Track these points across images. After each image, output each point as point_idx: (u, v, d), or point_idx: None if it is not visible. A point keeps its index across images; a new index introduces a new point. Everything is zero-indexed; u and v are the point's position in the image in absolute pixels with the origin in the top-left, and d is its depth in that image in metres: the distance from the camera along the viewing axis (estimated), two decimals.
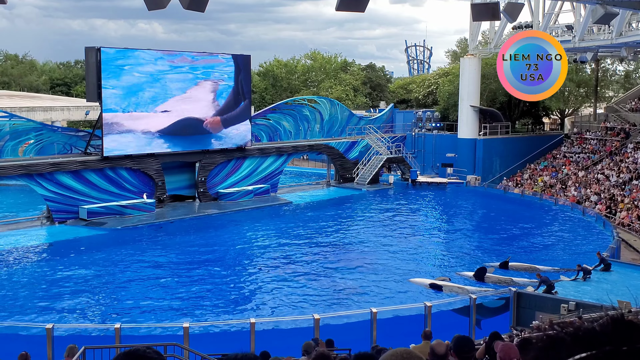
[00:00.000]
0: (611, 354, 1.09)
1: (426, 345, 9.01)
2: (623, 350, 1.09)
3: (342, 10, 13.01)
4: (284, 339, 16.63)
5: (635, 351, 1.08)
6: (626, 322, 1.13)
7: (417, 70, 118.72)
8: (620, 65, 66.55)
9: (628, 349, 1.08)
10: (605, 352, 1.09)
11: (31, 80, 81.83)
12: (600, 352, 1.10)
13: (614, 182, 43.18)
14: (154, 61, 37.29)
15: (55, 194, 34.46)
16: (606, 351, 1.09)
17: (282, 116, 46.70)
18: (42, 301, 22.99)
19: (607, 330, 1.12)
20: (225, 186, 41.86)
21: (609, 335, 1.11)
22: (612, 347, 1.10)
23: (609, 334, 1.12)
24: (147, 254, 30.18)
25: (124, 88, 35.91)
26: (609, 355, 1.09)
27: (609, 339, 1.11)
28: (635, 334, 1.10)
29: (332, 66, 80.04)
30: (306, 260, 29.17)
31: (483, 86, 54.71)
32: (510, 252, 29.89)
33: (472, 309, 19.29)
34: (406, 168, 50.55)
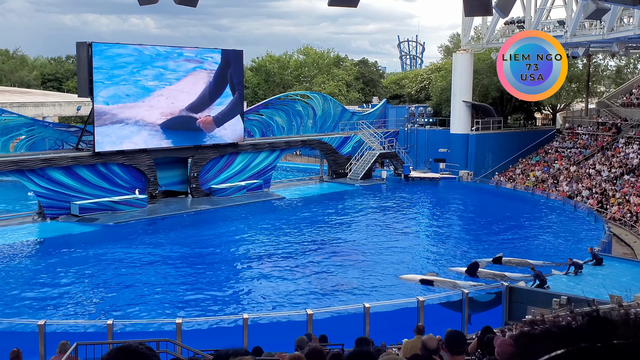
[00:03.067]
0: (586, 350, 1.11)
1: (418, 340, 9.03)
2: (598, 346, 1.10)
3: (335, 6, 12.98)
4: (277, 334, 16.63)
5: (609, 347, 1.10)
6: (602, 318, 1.15)
7: (410, 65, 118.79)
8: (611, 60, 66.78)
9: (602, 346, 1.10)
10: (580, 348, 1.11)
11: (22, 76, 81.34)
12: (575, 349, 1.11)
13: (605, 177, 43.33)
14: (144, 56, 37.14)
15: (47, 190, 34.34)
16: (581, 348, 1.11)
17: (274, 111, 46.65)
18: (34, 298, 22.92)
19: (582, 327, 1.14)
20: (218, 182, 41.80)
21: (584, 332, 1.13)
22: (587, 344, 1.11)
23: (585, 330, 1.14)
24: (139, 250, 30.12)
25: (114, 82, 35.78)
26: (583, 352, 1.11)
27: (584, 335, 1.13)
28: (610, 331, 1.12)
29: (324, 61, 79.92)
30: (299, 255, 29.18)
31: (475, 81, 54.76)
32: (502, 247, 29.98)
33: (465, 303, 19.34)
34: (399, 163, 50.60)
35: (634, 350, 1.09)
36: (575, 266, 23.62)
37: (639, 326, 1.13)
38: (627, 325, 1.13)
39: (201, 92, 39.74)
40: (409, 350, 9.46)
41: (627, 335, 1.11)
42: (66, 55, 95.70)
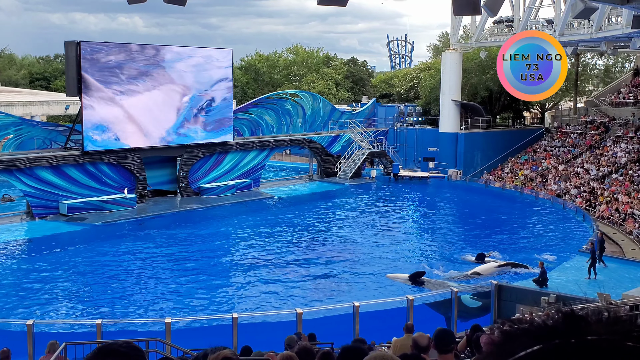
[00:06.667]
0: (560, 346, 1.14)
1: (408, 339, 9.06)
2: (572, 342, 1.14)
3: (324, 4, 13.00)
4: (267, 334, 16.63)
5: (583, 344, 1.13)
6: (576, 316, 1.18)
7: (399, 64, 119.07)
8: (600, 59, 67.09)
9: (576, 342, 1.13)
10: (555, 344, 1.14)
11: (10, 75, 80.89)
12: (550, 345, 1.15)
13: (593, 176, 43.54)
14: (132, 54, 37.02)
15: (35, 190, 34.18)
16: (556, 344, 1.14)
17: (264, 110, 46.60)
18: (22, 297, 22.82)
19: (557, 324, 1.18)
20: (207, 181, 41.73)
21: (559, 329, 1.17)
22: (561, 340, 1.15)
23: (560, 327, 1.17)
24: (128, 250, 30.03)
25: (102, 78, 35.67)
26: (558, 348, 1.14)
27: (559, 332, 1.16)
28: (584, 328, 1.16)
29: (314, 60, 79.94)
30: (288, 254, 29.18)
31: (464, 80, 54.88)
32: (490, 246, 30.14)
33: (454, 302, 19.39)
34: (388, 162, 50.66)
35: (606, 346, 1.12)
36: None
37: (613, 323, 1.16)
38: (600, 322, 1.17)
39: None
40: (398, 349, 9.48)
41: (601, 332, 1.15)
42: (54, 54, 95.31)
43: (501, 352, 1.20)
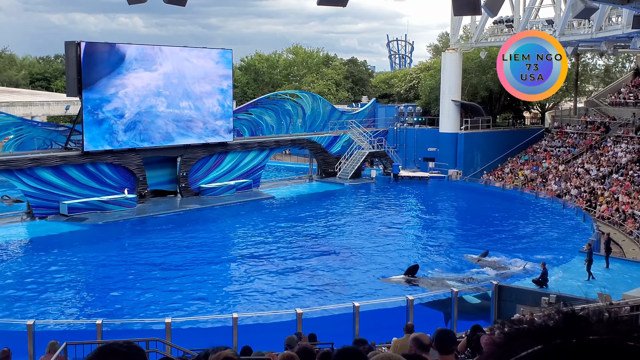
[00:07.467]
0: (561, 346, 1.15)
1: (408, 339, 9.05)
2: (573, 342, 1.14)
3: (324, 5, 12.99)
4: (267, 334, 16.64)
5: (584, 344, 1.14)
6: (577, 316, 1.19)
7: (399, 64, 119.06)
8: (600, 59, 67.10)
9: (577, 342, 1.14)
10: (556, 344, 1.15)
11: (10, 75, 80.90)
12: (551, 345, 1.15)
13: (594, 176, 43.54)
14: (133, 54, 37.02)
15: (36, 190, 34.18)
16: (557, 344, 1.15)
17: (264, 111, 46.58)
18: (22, 297, 22.81)
19: (558, 324, 1.18)
20: (207, 181, 41.71)
21: (560, 329, 1.17)
22: (562, 340, 1.15)
23: (561, 327, 1.18)
24: (129, 250, 30.04)
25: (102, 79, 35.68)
26: (559, 348, 1.15)
27: (560, 332, 1.17)
28: (585, 328, 1.16)
29: (314, 60, 79.92)
30: (288, 254, 29.17)
31: (464, 80, 54.87)
32: (489, 246, 30.13)
33: (454, 302, 19.39)
34: (388, 162, 50.64)
35: (606, 345, 1.13)
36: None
37: (613, 323, 1.17)
38: (601, 322, 1.18)
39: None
40: (398, 349, 9.47)
41: (602, 332, 1.15)
42: (54, 54, 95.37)
43: (502, 353, 1.20)
